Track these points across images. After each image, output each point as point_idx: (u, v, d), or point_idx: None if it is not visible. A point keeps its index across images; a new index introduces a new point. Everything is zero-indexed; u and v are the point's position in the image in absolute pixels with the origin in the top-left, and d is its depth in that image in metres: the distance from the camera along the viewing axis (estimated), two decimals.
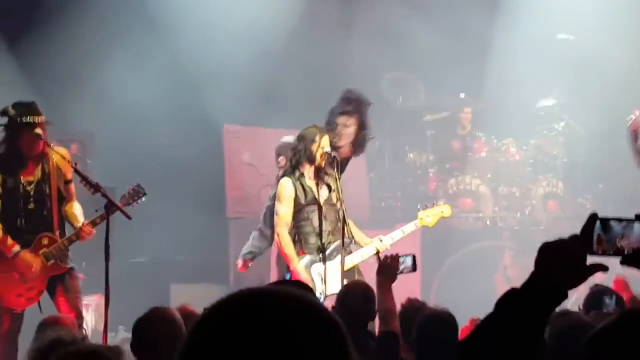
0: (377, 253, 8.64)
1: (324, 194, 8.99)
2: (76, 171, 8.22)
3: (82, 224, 8.30)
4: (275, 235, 9.05)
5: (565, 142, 13.44)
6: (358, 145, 9.59)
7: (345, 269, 8.67)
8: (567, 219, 12.79)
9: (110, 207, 8.09)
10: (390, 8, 13.84)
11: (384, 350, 5.49)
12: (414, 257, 6.55)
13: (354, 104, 9.54)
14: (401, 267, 6.40)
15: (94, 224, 8.29)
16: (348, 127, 9.48)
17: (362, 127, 9.54)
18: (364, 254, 9.07)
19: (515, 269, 12.53)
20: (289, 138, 9.98)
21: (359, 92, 9.65)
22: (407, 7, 13.76)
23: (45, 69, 12.55)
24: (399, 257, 6.40)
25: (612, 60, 12.92)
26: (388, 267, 6.12)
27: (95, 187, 8.13)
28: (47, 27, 12.71)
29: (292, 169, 9.04)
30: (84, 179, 8.18)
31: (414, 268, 6.54)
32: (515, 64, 13.29)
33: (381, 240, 9.10)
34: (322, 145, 8.94)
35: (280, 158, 10.23)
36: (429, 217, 9.46)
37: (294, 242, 9.02)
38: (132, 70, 12.97)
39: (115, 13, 12.97)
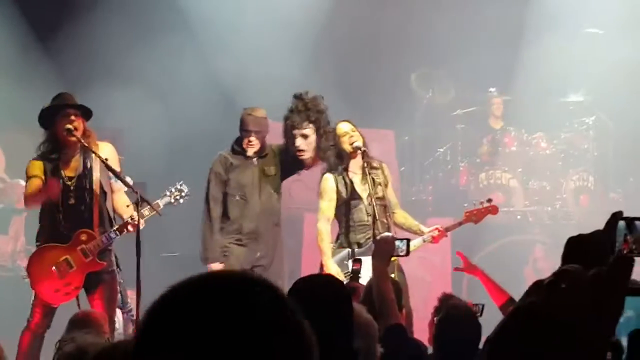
0: (374, 236, 8.44)
1: (367, 188, 8.98)
2: (107, 167, 8.25)
3: (132, 215, 8.29)
4: (315, 229, 9.08)
5: (596, 136, 13.38)
6: (322, 151, 9.12)
7: None
8: (598, 213, 12.70)
9: (141, 202, 8.13)
10: (421, 4, 13.81)
11: (393, 345, 5.37)
12: (408, 242, 6.47)
13: (307, 112, 9.10)
14: (398, 252, 6.28)
15: (142, 215, 8.28)
16: (306, 138, 9.09)
17: (320, 132, 9.09)
18: (415, 244, 9.01)
19: (547, 264, 12.48)
20: None
21: (310, 95, 9.16)
22: (437, 3, 13.72)
23: (75, 65, 12.61)
24: (395, 240, 6.25)
25: None
26: (383, 249, 5.95)
27: (126, 183, 8.18)
28: (77, 25, 12.76)
29: (335, 166, 9.06)
30: (115, 174, 8.23)
31: (407, 252, 6.47)
32: (545, 58, 13.24)
33: (438, 230, 9.12)
34: (338, 133, 8.98)
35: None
36: (474, 214, 9.40)
37: (338, 236, 9.07)
38: (162, 67, 13.00)
39: (144, 10, 13.00)
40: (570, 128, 13.47)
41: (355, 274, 7.09)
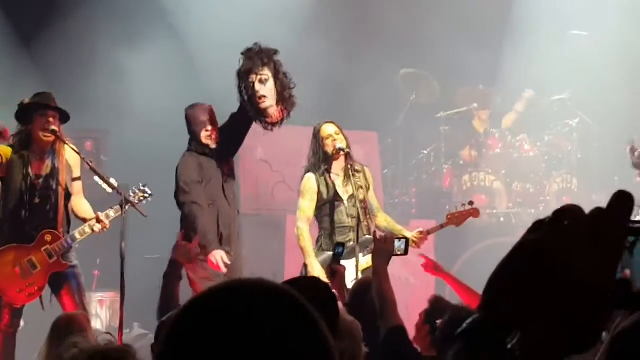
0: (374, 234, 8.19)
1: (349, 190, 8.98)
2: (92, 169, 8.23)
3: (97, 215, 8.29)
4: (295, 229, 9.04)
5: (580, 138, 13.42)
6: (285, 99, 8.40)
7: (367, 266, 8.65)
8: None
9: (126, 204, 8.11)
10: (404, 5, 13.83)
11: (395, 348, 5.40)
12: (407, 241, 6.51)
13: (259, 55, 8.42)
14: (397, 251, 6.34)
15: (107, 216, 8.30)
16: (265, 83, 8.33)
17: (279, 76, 8.41)
18: None
19: None
20: None
21: (259, 44, 8.56)
22: (421, 3, 13.75)
23: (60, 66, 12.59)
24: (394, 239, 6.31)
25: (627, 56, 12.90)
26: (383, 249, 6.00)
27: (110, 185, 8.16)
28: (62, 25, 12.74)
29: (317, 166, 9.04)
30: (99, 176, 8.20)
31: (406, 251, 6.52)
32: (529, 60, 13.27)
33: (421, 232, 9.11)
34: (325, 135, 8.97)
35: None
36: (456, 217, 9.41)
37: (318, 237, 9.05)
38: (147, 68, 12.99)
39: (130, 11, 13.00)
40: (554, 130, 13.51)
41: (337, 257, 7.08)
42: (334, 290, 4.52)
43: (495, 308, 1.40)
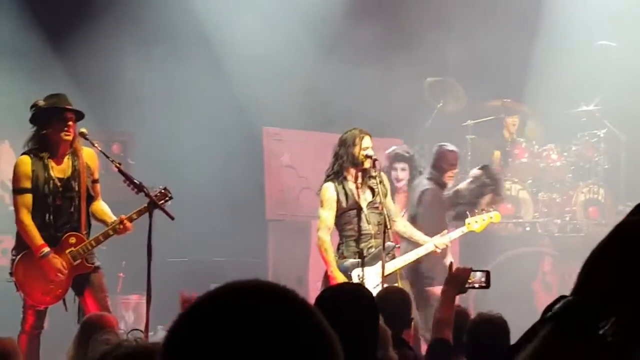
0: (450, 265, 8.20)
1: (367, 197, 8.96)
2: (120, 171, 8.20)
3: (121, 218, 8.28)
4: (317, 239, 9.04)
5: (607, 148, 13.37)
6: None
7: (387, 273, 8.64)
8: (607, 225, 12.68)
9: (153, 207, 8.10)
10: (433, 15, 13.81)
11: (436, 358, 5.44)
12: (487, 274, 6.21)
13: None
14: (475, 283, 6.12)
15: (131, 219, 8.29)
16: None
17: None
18: (418, 253, 9.10)
19: (555, 276, 12.46)
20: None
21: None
22: (450, 13, 13.73)
23: (88, 69, 12.62)
24: (472, 271, 6.12)
25: None
26: (457, 278, 5.94)
27: (139, 187, 8.14)
28: (90, 28, 12.77)
29: (336, 174, 9.02)
30: (128, 178, 8.18)
31: (487, 284, 6.26)
32: (557, 71, 13.23)
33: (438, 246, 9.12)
34: (364, 146, 8.92)
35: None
36: (477, 222, 9.38)
37: (339, 245, 9.03)
38: (173, 71, 13.01)
39: (156, 14, 13.02)
40: (581, 140, 13.46)
41: None
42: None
43: (591, 291, 1.35)
